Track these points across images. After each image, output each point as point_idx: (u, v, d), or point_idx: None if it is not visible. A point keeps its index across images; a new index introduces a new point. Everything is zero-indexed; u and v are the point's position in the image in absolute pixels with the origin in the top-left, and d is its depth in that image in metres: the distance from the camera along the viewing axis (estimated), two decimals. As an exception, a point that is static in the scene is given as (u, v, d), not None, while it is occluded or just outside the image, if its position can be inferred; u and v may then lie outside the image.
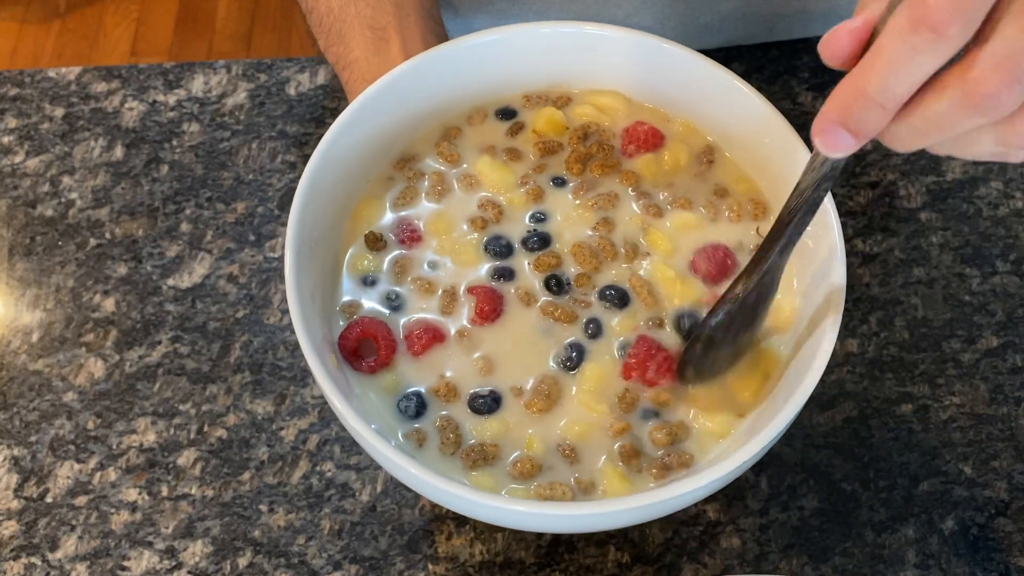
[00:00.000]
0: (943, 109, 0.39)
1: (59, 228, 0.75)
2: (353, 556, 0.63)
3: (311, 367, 0.51)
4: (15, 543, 0.63)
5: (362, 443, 0.51)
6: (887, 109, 0.40)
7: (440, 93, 0.61)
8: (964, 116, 0.39)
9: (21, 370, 0.69)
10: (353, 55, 0.64)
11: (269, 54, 1.94)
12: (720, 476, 0.49)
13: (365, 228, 0.59)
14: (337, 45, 0.66)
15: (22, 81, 0.81)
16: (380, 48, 0.64)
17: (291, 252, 0.53)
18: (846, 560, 0.62)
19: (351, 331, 0.56)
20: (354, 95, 0.63)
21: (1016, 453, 0.66)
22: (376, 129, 0.59)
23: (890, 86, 0.39)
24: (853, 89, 0.40)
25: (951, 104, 0.39)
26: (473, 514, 0.53)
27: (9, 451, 0.66)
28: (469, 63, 0.61)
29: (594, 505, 0.50)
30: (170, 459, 0.66)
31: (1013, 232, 0.74)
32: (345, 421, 0.50)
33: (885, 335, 0.69)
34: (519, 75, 0.62)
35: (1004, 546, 0.63)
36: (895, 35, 0.39)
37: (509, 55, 0.61)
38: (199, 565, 0.62)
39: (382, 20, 0.65)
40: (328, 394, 0.50)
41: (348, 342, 0.55)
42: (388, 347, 0.55)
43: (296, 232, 0.54)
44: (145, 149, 0.78)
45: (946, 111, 0.39)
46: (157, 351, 0.70)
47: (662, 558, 0.62)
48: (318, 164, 0.56)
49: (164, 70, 0.82)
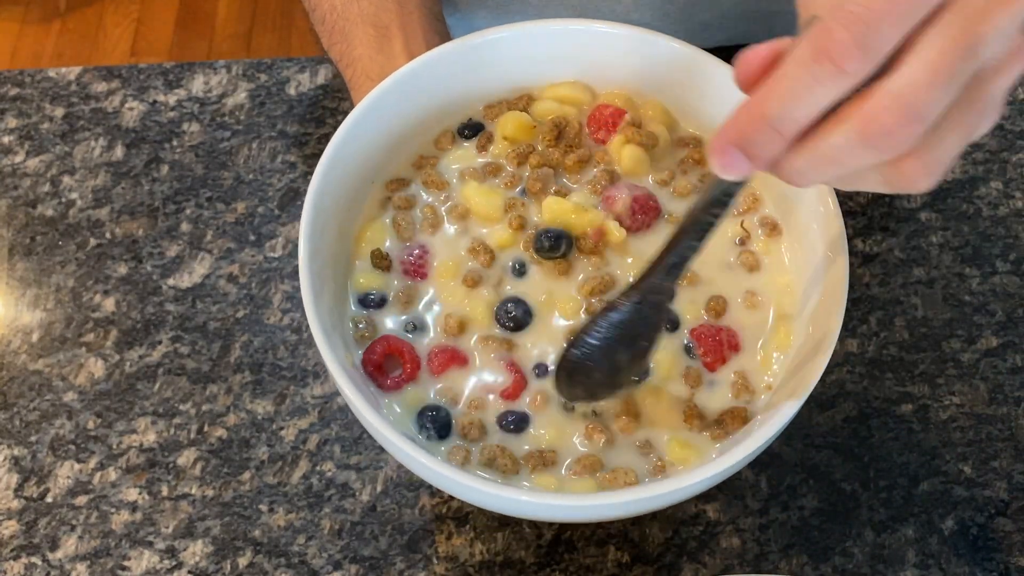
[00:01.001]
0: (839, 143, 0.39)
1: (59, 228, 0.75)
2: (353, 556, 0.63)
3: (341, 386, 0.50)
4: (15, 543, 0.63)
5: (405, 458, 0.51)
6: (783, 136, 0.40)
7: (413, 114, 0.60)
8: (857, 151, 0.39)
9: (21, 370, 0.69)
10: (356, 53, 0.64)
11: (269, 54, 1.94)
12: (773, 433, 0.49)
13: (369, 248, 0.58)
14: (340, 43, 0.66)
15: (22, 81, 0.81)
16: (383, 46, 0.64)
17: (306, 273, 0.53)
18: (846, 560, 0.62)
19: (375, 348, 0.55)
20: (357, 92, 0.63)
21: (1016, 453, 0.66)
22: (364, 151, 0.59)
23: (788, 113, 0.39)
24: (752, 113, 0.40)
25: (846, 137, 0.38)
26: (552, 516, 0.54)
27: (9, 451, 0.66)
28: (435, 79, 0.60)
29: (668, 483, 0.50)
30: (170, 459, 0.66)
31: (1013, 232, 0.74)
32: (392, 443, 0.50)
33: (885, 335, 0.69)
34: (478, 87, 0.61)
35: (1004, 546, 0.63)
36: (797, 63, 0.38)
37: (472, 68, 0.61)
38: (199, 565, 0.62)
39: (385, 18, 0.65)
40: (372, 422, 0.50)
41: (374, 357, 0.55)
42: (413, 363, 0.55)
43: (308, 254, 0.53)
44: (145, 149, 0.78)
45: (842, 144, 0.39)
46: (157, 351, 0.70)
47: (662, 558, 0.62)
48: (322, 178, 0.55)
49: (164, 70, 0.82)
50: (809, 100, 0.39)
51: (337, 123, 0.78)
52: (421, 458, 0.49)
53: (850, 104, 0.39)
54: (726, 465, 0.49)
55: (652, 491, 0.50)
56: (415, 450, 0.49)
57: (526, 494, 0.50)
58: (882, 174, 0.40)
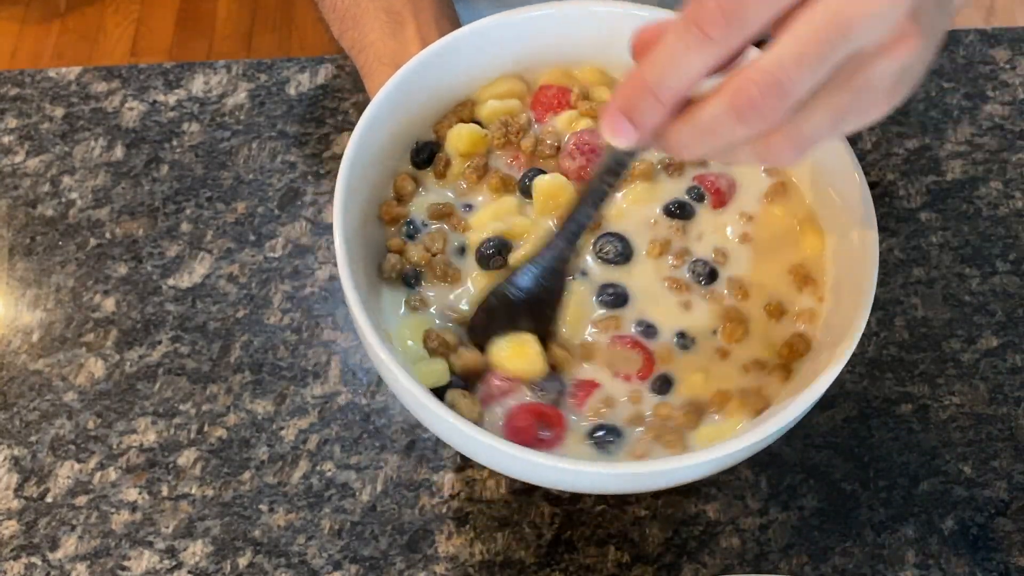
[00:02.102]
0: (714, 112, 0.40)
1: (59, 228, 0.75)
2: (353, 556, 0.63)
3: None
4: (15, 543, 0.63)
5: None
6: (663, 103, 0.41)
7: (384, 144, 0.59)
8: (729, 123, 0.40)
9: (21, 370, 0.69)
10: (369, 39, 0.65)
11: (269, 54, 1.94)
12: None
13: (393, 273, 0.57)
14: (352, 30, 0.66)
15: (22, 81, 0.81)
16: (396, 31, 0.64)
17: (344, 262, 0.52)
18: (846, 560, 0.62)
19: (518, 416, 0.54)
20: (370, 78, 0.64)
21: (1016, 453, 0.66)
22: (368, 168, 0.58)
23: (666, 79, 0.41)
24: (635, 80, 0.42)
25: (719, 107, 0.40)
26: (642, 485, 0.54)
27: (9, 451, 0.66)
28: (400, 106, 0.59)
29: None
30: (170, 459, 0.66)
31: (1013, 232, 0.74)
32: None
33: (885, 335, 0.69)
34: (428, 106, 0.61)
35: (1004, 546, 0.63)
36: (673, 31, 0.40)
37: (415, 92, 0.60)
38: (199, 565, 0.62)
39: (397, 4, 0.66)
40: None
41: (518, 422, 0.53)
42: (558, 421, 0.54)
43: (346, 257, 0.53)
44: (145, 149, 0.78)
45: (715, 114, 0.40)
46: (157, 351, 0.70)
47: (662, 558, 0.62)
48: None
49: (164, 70, 0.82)
50: (682, 66, 0.40)
51: (337, 123, 0.79)
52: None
53: (727, 78, 0.40)
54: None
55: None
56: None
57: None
58: (753, 148, 0.42)
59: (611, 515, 0.63)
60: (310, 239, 0.74)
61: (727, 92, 0.40)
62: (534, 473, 0.51)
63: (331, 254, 0.73)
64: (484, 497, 0.64)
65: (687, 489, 0.64)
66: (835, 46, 0.39)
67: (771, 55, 0.39)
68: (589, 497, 0.64)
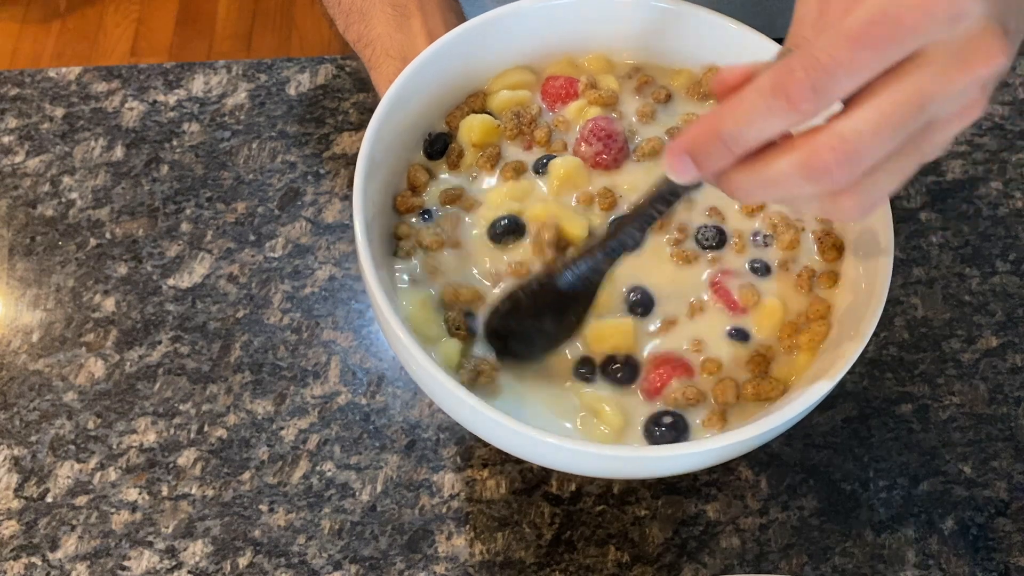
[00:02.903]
0: (783, 168, 0.42)
1: (59, 228, 0.75)
2: (353, 556, 0.63)
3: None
4: (15, 543, 0.63)
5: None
6: (732, 152, 0.42)
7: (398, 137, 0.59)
8: (798, 181, 0.41)
9: (21, 370, 0.69)
10: (375, 32, 0.65)
11: (269, 54, 1.94)
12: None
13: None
14: (358, 24, 0.66)
15: (22, 81, 0.81)
16: (402, 24, 0.65)
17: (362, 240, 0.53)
18: (846, 560, 0.62)
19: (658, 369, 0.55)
20: (377, 72, 0.64)
21: (1016, 453, 0.66)
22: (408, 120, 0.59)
23: (739, 134, 0.42)
24: (708, 127, 0.43)
25: (790, 165, 0.41)
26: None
27: (9, 451, 0.66)
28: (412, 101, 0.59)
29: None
30: (170, 459, 0.66)
31: (1013, 232, 0.74)
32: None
33: (885, 335, 0.69)
34: (438, 99, 0.61)
35: (1004, 546, 0.63)
36: (757, 91, 0.41)
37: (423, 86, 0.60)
38: (199, 565, 0.62)
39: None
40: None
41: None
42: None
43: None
44: (145, 149, 0.78)
45: (784, 171, 0.41)
46: (157, 351, 0.70)
47: (662, 558, 0.62)
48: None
49: (164, 70, 0.82)
50: (760, 126, 0.41)
51: (337, 123, 0.79)
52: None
53: (801, 136, 0.41)
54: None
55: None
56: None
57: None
58: (819, 202, 0.43)
59: (611, 515, 0.63)
60: (310, 239, 0.74)
61: (801, 152, 0.41)
62: (549, 454, 0.52)
63: (331, 254, 0.73)
64: (484, 497, 0.64)
65: (687, 489, 0.64)
66: (916, 119, 0.40)
67: (850, 124, 0.40)
68: (589, 497, 0.64)
